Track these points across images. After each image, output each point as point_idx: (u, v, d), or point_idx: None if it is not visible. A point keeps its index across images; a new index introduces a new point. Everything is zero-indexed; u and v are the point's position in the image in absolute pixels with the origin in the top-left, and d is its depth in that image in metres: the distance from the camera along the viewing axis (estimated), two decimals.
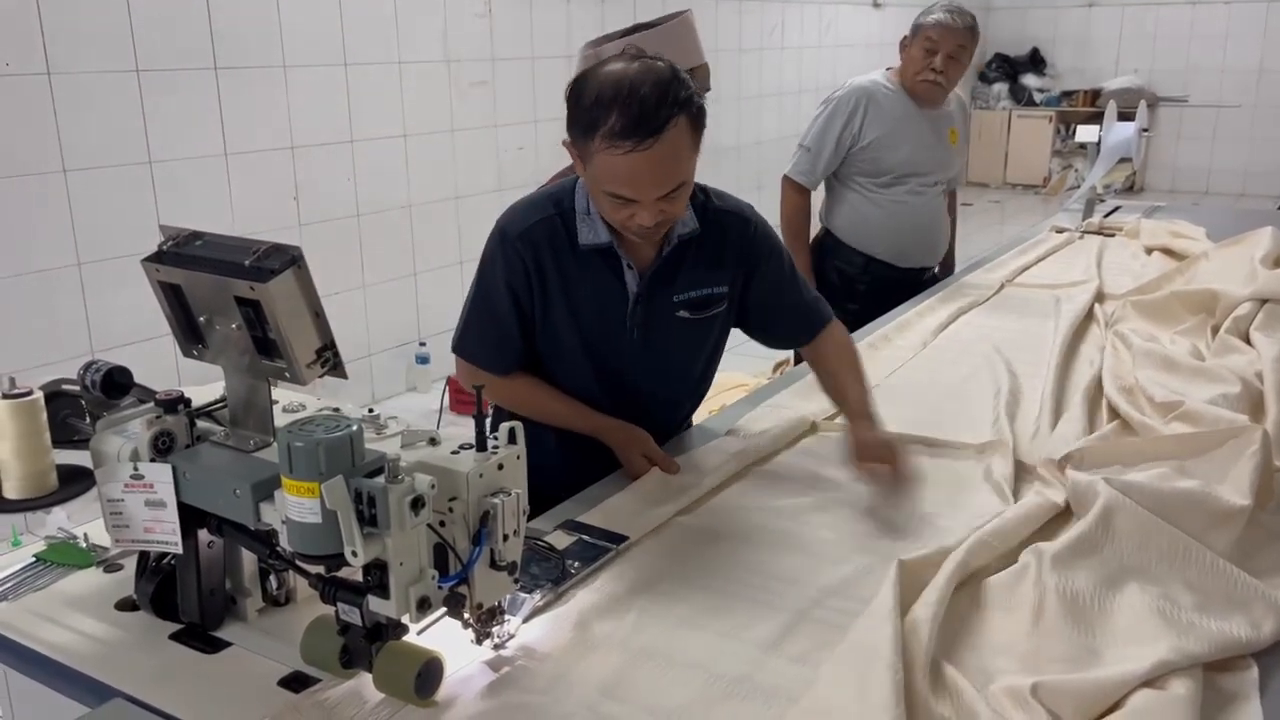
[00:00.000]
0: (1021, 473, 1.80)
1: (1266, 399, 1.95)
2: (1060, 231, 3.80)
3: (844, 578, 1.48)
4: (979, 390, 2.22)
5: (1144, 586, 1.36)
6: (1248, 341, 2.27)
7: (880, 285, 3.17)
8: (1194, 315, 2.50)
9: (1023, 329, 2.65)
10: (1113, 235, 3.67)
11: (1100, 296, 2.83)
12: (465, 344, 1.82)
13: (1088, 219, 3.95)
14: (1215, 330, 2.40)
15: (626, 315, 1.77)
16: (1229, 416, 1.80)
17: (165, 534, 1.25)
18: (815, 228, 3.34)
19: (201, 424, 1.31)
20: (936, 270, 3.37)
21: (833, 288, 3.22)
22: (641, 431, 1.81)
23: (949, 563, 1.40)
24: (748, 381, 3.63)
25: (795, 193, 3.20)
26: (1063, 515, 1.60)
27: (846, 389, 1.88)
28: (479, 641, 1.27)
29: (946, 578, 1.36)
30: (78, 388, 1.37)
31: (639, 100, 1.50)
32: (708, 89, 2.27)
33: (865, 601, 1.35)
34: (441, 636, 1.24)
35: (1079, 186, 5.31)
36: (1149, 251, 3.37)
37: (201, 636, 1.31)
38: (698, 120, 1.58)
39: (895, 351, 2.50)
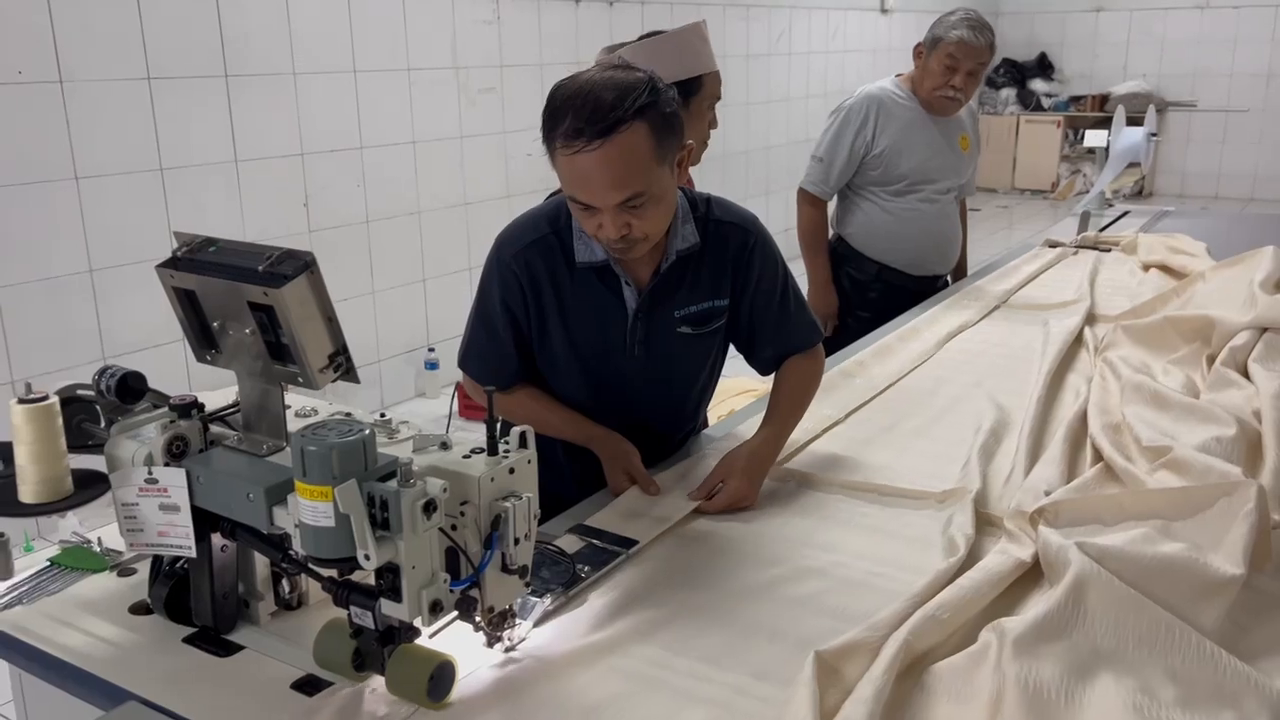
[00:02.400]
0: (987, 526, 1.61)
1: (1265, 442, 1.76)
2: (1054, 246, 3.64)
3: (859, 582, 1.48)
4: (956, 426, 2.05)
5: (1119, 677, 1.19)
6: (1245, 374, 2.08)
7: (892, 293, 3.16)
8: (1188, 343, 2.33)
9: (1008, 354, 2.52)
10: (1109, 250, 3.52)
11: (1091, 318, 2.69)
12: (467, 360, 1.84)
13: (1083, 232, 3.80)
14: (1211, 360, 2.20)
15: (627, 332, 1.76)
16: (1220, 468, 1.59)
17: (179, 538, 1.26)
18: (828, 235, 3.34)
19: (215, 428, 1.32)
20: (949, 278, 3.37)
21: (845, 295, 3.22)
22: (628, 445, 1.79)
23: (890, 645, 1.22)
24: (756, 387, 3.63)
25: (810, 204, 3.20)
26: (1031, 574, 1.44)
27: (773, 415, 1.85)
28: (490, 645, 1.28)
29: (886, 666, 1.18)
30: (92, 393, 1.38)
31: (594, 102, 1.49)
32: (718, 97, 2.27)
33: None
34: (453, 640, 1.25)
35: (1088, 191, 5.30)
36: (1146, 268, 3.21)
37: (214, 640, 1.32)
38: (663, 129, 1.54)
39: (871, 380, 2.34)
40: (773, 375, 1.91)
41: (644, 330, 1.77)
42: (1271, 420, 1.80)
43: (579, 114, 1.50)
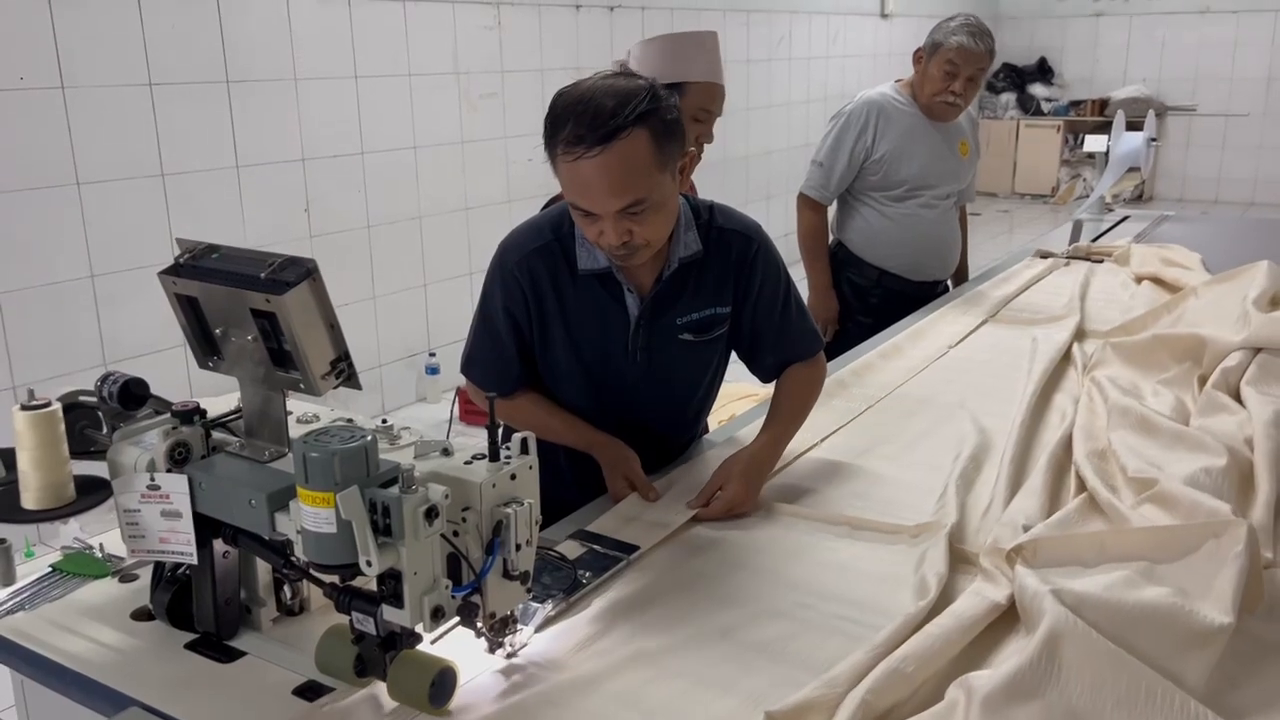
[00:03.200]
0: (963, 563, 1.52)
1: (1257, 473, 1.66)
2: (1045, 256, 3.55)
3: (862, 596, 1.48)
4: (935, 451, 1.95)
5: None
6: (1238, 397, 1.98)
7: (893, 298, 3.16)
8: (1179, 363, 2.23)
9: (994, 373, 2.42)
10: (1101, 261, 3.42)
11: (1081, 334, 2.60)
12: (469, 366, 1.85)
13: (1075, 243, 3.70)
14: (1202, 381, 2.11)
15: (628, 339, 1.77)
16: (1208, 505, 1.48)
17: (181, 544, 1.26)
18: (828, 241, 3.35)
19: (217, 435, 1.32)
20: (950, 283, 3.37)
21: (845, 300, 3.22)
22: (628, 451, 1.79)
23: (847, 704, 1.13)
24: (757, 392, 3.64)
25: (810, 210, 3.19)
26: (1007, 617, 1.35)
27: (774, 419, 1.86)
28: (492, 651, 1.28)
29: None
30: (95, 399, 1.38)
31: (594, 108, 1.50)
32: (709, 111, 2.23)
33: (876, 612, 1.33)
34: (455, 646, 1.25)
35: (1088, 196, 5.31)
36: (1138, 280, 3.11)
37: (216, 646, 1.32)
38: (663, 136, 1.54)
39: (850, 402, 2.23)
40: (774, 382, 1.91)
41: (646, 337, 1.77)
42: (1264, 450, 1.71)
43: (580, 121, 1.50)
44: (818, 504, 1.76)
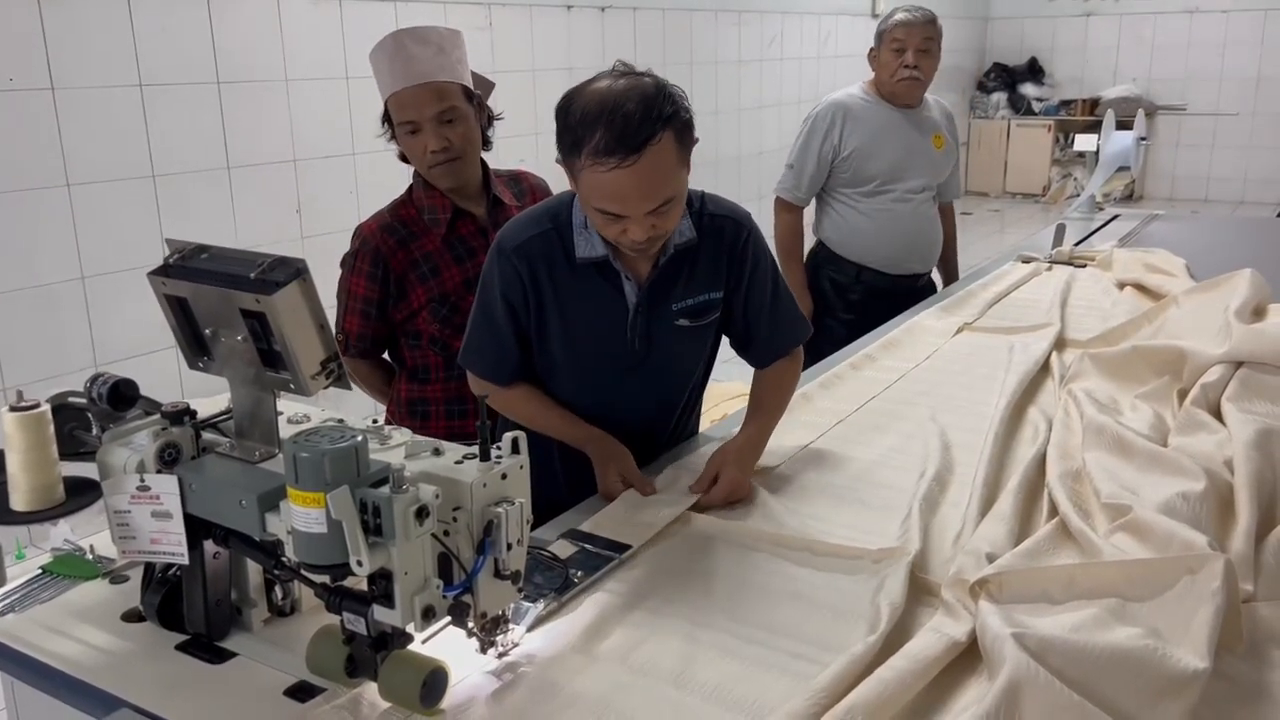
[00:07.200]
0: (925, 594, 1.44)
1: (1237, 499, 1.57)
2: (1027, 261, 3.49)
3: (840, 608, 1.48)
4: (903, 470, 1.86)
5: None
6: (1218, 414, 1.90)
7: (873, 294, 3.22)
8: (1158, 376, 2.15)
9: (968, 384, 2.33)
10: (1083, 266, 3.36)
11: (1060, 343, 2.54)
12: (468, 356, 1.85)
13: (1058, 246, 3.61)
14: (1182, 395, 2.03)
15: (627, 327, 1.78)
16: (1184, 536, 1.39)
17: (171, 545, 1.26)
18: (810, 241, 3.39)
19: (207, 435, 1.32)
20: (939, 281, 3.40)
21: (827, 298, 3.28)
22: (621, 448, 1.80)
23: None
24: (747, 391, 3.64)
25: (785, 211, 3.29)
26: (968, 655, 1.26)
27: (757, 411, 1.90)
28: (483, 650, 1.28)
29: None
30: (84, 400, 1.38)
31: (622, 117, 1.51)
32: (423, 119, 2.21)
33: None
34: (446, 645, 1.25)
35: (1078, 195, 5.32)
36: (1121, 287, 3.05)
37: (207, 647, 1.32)
38: (684, 134, 1.58)
39: (819, 417, 2.15)
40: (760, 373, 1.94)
41: (644, 324, 1.78)
42: (1245, 474, 1.61)
43: (609, 129, 1.51)
44: (779, 525, 1.67)
